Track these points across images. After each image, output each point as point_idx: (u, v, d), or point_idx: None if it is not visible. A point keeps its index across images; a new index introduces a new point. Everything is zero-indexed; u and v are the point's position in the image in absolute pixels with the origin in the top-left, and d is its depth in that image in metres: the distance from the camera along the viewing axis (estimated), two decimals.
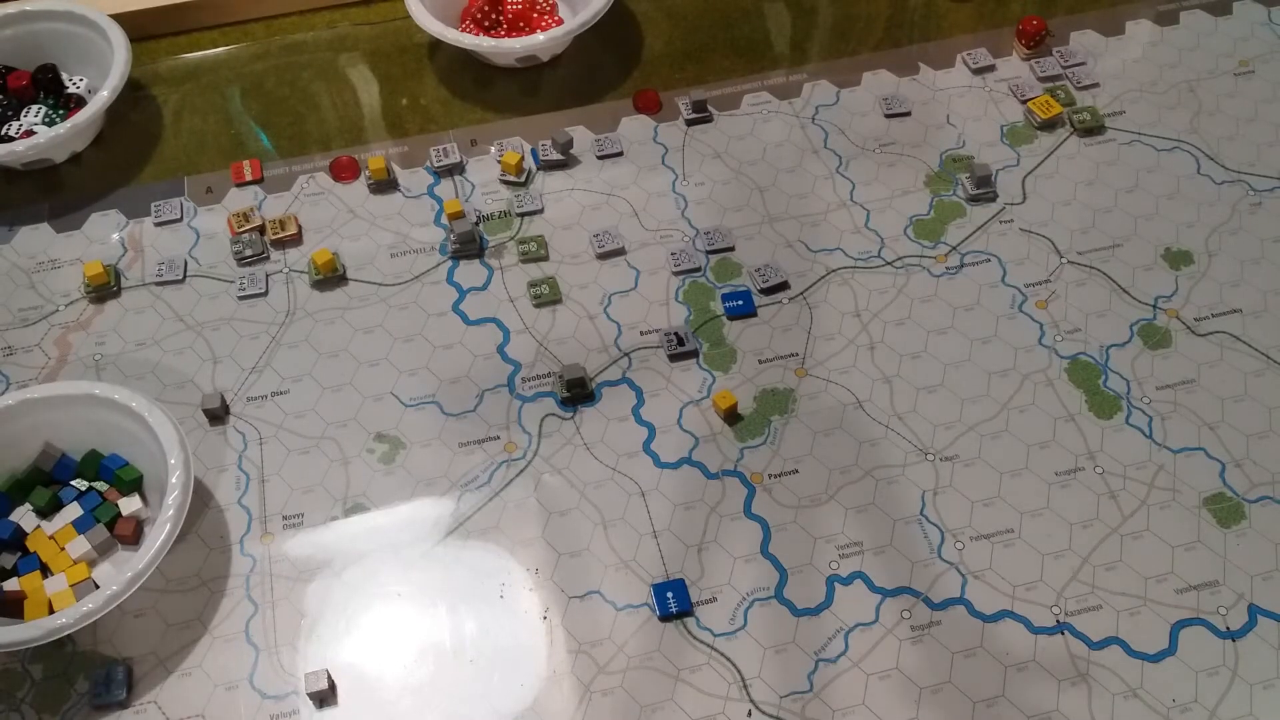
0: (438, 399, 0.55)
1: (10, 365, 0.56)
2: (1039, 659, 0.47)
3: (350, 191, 0.63)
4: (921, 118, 0.66)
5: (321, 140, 0.66)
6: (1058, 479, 0.51)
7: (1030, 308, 0.57)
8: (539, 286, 0.58)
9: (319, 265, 0.59)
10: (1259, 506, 0.50)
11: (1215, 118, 0.65)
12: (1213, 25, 0.71)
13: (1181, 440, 0.53)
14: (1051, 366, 0.55)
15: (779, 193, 0.62)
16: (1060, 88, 0.66)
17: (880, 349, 0.56)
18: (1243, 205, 0.61)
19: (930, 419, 0.53)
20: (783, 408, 0.54)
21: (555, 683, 0.46)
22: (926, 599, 0.48)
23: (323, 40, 0.71)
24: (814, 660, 0.47)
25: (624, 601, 0.48)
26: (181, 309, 0.58)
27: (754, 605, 0.48)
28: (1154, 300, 0.58)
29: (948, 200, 0.62)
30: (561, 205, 0.62)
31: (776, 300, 0.58)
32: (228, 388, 0.55)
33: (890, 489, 0.51)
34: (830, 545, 0.50)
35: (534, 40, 0.66)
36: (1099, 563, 0.49)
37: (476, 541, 0.50)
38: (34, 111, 0.65)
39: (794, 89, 0.68)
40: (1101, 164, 0.63)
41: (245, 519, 0.51)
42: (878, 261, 0.59)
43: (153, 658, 0.47)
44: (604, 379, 0.55)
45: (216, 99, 0.68)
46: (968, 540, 0.50)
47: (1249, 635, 0.47)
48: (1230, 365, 0.55)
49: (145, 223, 0.62)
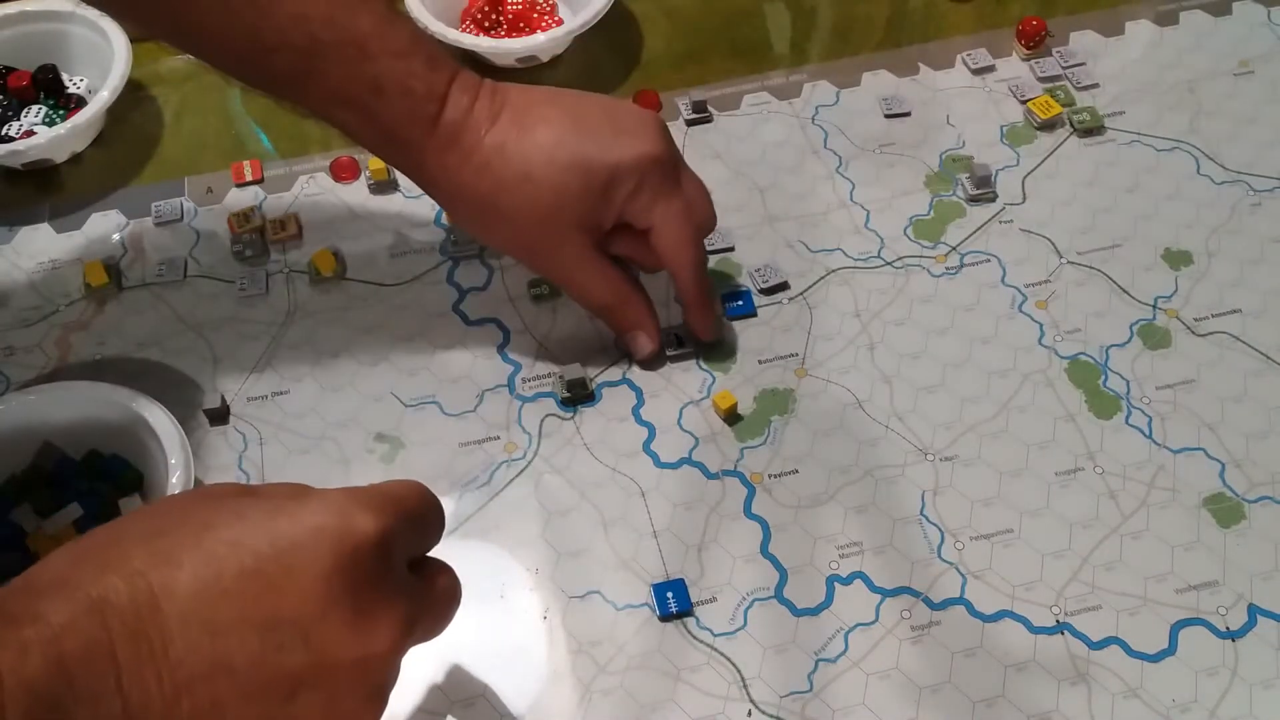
0: (438, 399, 0.55)
1: (10, 365, 0.56)
2: (1039, 659, 0.47)
3: (350, 192, 0.63)
4: (921, 118, 0.66)
5: (322, 140, 0.66)
6: (1057, 479, 0.51)
7: (1030, 308, 0.57)
8: (539, 286, 0.58)
9: (319, 265, 0.59)
10: (1259, 506, 0.50)
11: (1215, 118, 0.65)
12: (1213, 25, 0.71)
13: (1181, 440, 0.53)
14: (1051, 366, 0.55)
15: (779, 193, 0.62)
16: (1060, 88, 0.67)
17: (880, 349, 0.56)
18: (1243, 206, 0.61)
19: (930, 419, 0.53)
20: (783, 408, 0.54)
21: (555, 683, 0.46)
22: (926, 599, 0.48)
23: None
24: (814, 660, 0.47)
25: (624, 601, 0.48)
26: (181, 309, 0.58)
27: (754, 605, 0.48)
28: (1154, 300, 0.58)
29: (948, 200, 0.62)
30: None
31: (776, 300, 0.58)
32: (228, 388, 0.55)
33: (890, 489, 0.51)
34: (830, 545, 0.50)
35: (534, 41, 0.66)
36: (1099, 563, 0.49)
37: (476, 541, 0.50)
38: (34, 111, 0.65)
39: (794, 89, 0.68)
40: (1101, 164, 0.63)
41: None
42: (878, 262, 0.59)
43: None
44: (604, 379, 0.55)
45: (217, 99, 0.68)
46: (967, 540, 0.50)
47: (1249, 635, 0.47)
48: (1230, 365, 0.55)
49: (145, 223, 0.62)
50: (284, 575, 0.31)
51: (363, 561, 0.32)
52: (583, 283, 0.52)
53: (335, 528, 0.32)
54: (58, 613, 0.29)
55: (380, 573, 0.33)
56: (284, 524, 0.32)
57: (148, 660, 0.29)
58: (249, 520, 0.32)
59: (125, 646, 0.29)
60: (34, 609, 0.29)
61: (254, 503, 0.33)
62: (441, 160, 0.49)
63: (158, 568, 0.30)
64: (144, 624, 0.30)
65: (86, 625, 0.29)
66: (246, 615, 0.31)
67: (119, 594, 0.30)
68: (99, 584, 0.30)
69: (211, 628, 0.30)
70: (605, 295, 0.52)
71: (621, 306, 0.53)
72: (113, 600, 0.29)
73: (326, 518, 0.32)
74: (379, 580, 0.33)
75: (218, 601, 0.30)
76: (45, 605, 0.29)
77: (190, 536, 0.31)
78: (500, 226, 0.51)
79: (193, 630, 0.30)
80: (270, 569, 0.31)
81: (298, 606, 0.31)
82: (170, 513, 0.33)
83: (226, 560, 0.31)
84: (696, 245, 0.52)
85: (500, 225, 0.51)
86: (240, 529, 0.32)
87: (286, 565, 0.31)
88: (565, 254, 0.51)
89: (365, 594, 0.32)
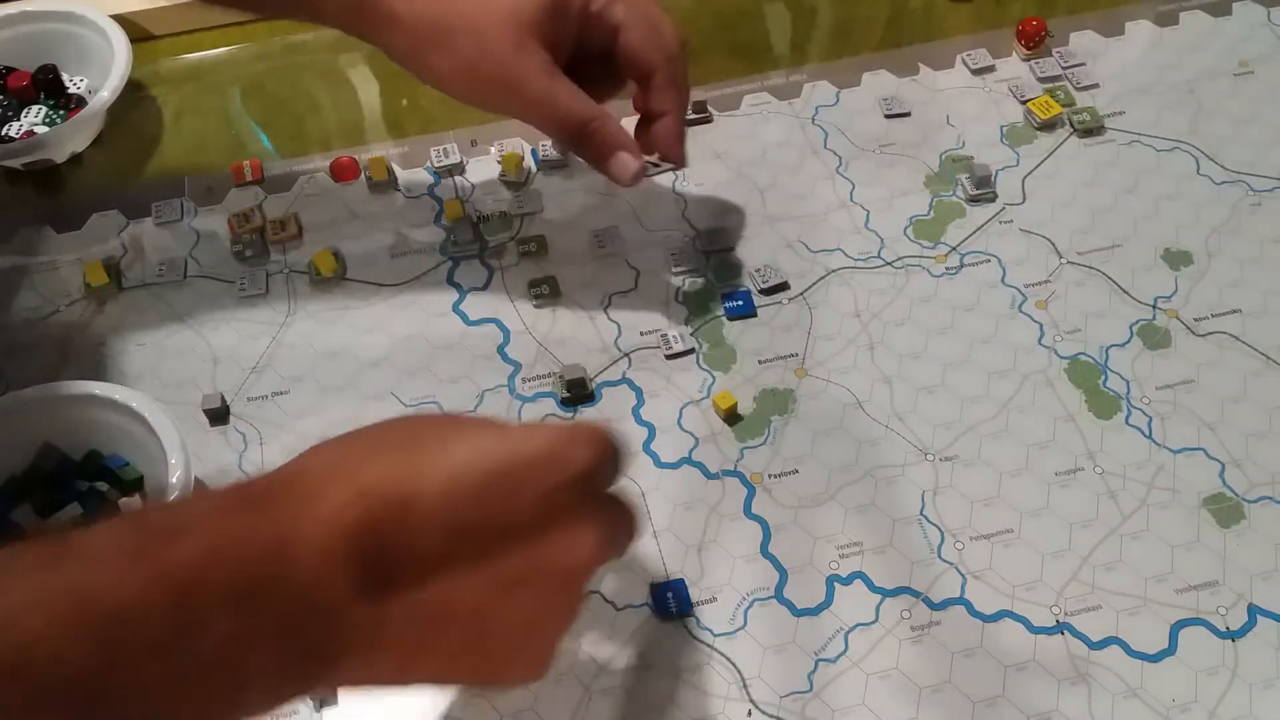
0: (438, 399, 0.55)
1: (10, 365, 0.56)
2: (1039, 659, 0.47)
3: (350, 192, 0.63)
4: (921, 118, 0.66)
5: (322, 141, 0.66)
6: (1057, 479, 0.51)
7: (1030, 308, 0.57)
8: (539, 286, 0.58)
9: (319, 265, 0.59)
10: (1259, 506, 0.51)
11: (1215, 118, 0.65)
12: (1212, 26, 0.71)
13: (1181, 440, 0.53)
14: (1051, 366, 0.55)
15: (779, 193, 0.63)
16: (1060, 88, 0.67)
17: (880, 349, 0.56)
18: (1242, 206, 0.61)
19: (930, 419, 0.53)
20: (783, 408, 0.54)
21: (555, 683, 0.46)
22: (926, 599, 0.48)
23: (323, 41, 0.71)
24: (814, 660, 0.47)
25: (624, 601, 0.48)
26: (181, 309, 0.58)
27: (754, 605, 0.48)
28: (1154, 300, 0.58)
29: (947, 200, 0.62)
30: (561, 205, 0.62)
31: (776, 300, 0.58)
32: (228, 388, 0.55)
33: (890, 489, 0.51)
34: (830, 545, 0.50)
35: None
36: (1099, 562, 0.49)
37: None
38: (34, 112, 0.65)
39: (794, 90, 0.68)
40: (1101, 164, 0.63)
41: None
42: (878, 262, 0.59)
43: None
44: (604, 379, 0.55)
45: (217, 99, 0.68)
46: (967, 540, 0.50)
47: (1249, 635, 0.47)
48: (1230, 365, 0.55)
49: (145, 223, 0.62)
50: (515, 489, 0.34)
51: (577, 486, 0.35)
52: (553, 99, 0.48)
53: (561, 453, 0.35)
54: (338, 494, 0.32)
55: (589, 497, 0.36)
56: (517, 445, 0.35)
57: (403, 549, 0.33)
58: (485, 439, 0.35)
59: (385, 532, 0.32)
60: (321, 490, 0.33)
61: (481, 426, 0.37)
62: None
63: (408, 473, 0.34)
64: (397, 519, 0.33)
65: (358, 508, 0.32)
66: (482, 521, 0.34)
67: (380, 487, 0.33)
68: (362, 477, 0.33)
69: (453, 528, 0.33)
70: (583, 110, 0.48)
71: (600, 123, 0.49)
72: (375, 493, 0.33)
73: (554, 444, 0.35)
74: (587, 503, 0.36)
75: (458, 506, 0.34)
76: (329, 488, 0.33)
77: (434, 450, 0.35)
78: (453, 50, 0.47)
79: (436, 529, 0.33)
80: (505, 483, 0.34)
81: (525, 518, 0.34)
82: (409, 430, 0.37)
83: (468, 472, 0.34)
84: (674, 31, 0.49)
85: (453, 48, 0.47)
86: (478, 446, 0.35)
87: (518, 481, 0.34)
88: (530, 69, 0.47)
89: (576, 513, 0.36)
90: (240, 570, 0.30)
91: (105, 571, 0.27)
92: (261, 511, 0.32)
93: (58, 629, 0.26)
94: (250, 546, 0.30)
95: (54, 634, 0.26)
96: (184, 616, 0.28)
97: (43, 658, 0.25)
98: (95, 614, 0.26)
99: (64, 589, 0.26)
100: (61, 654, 0.26)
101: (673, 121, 0.51)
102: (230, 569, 0.30)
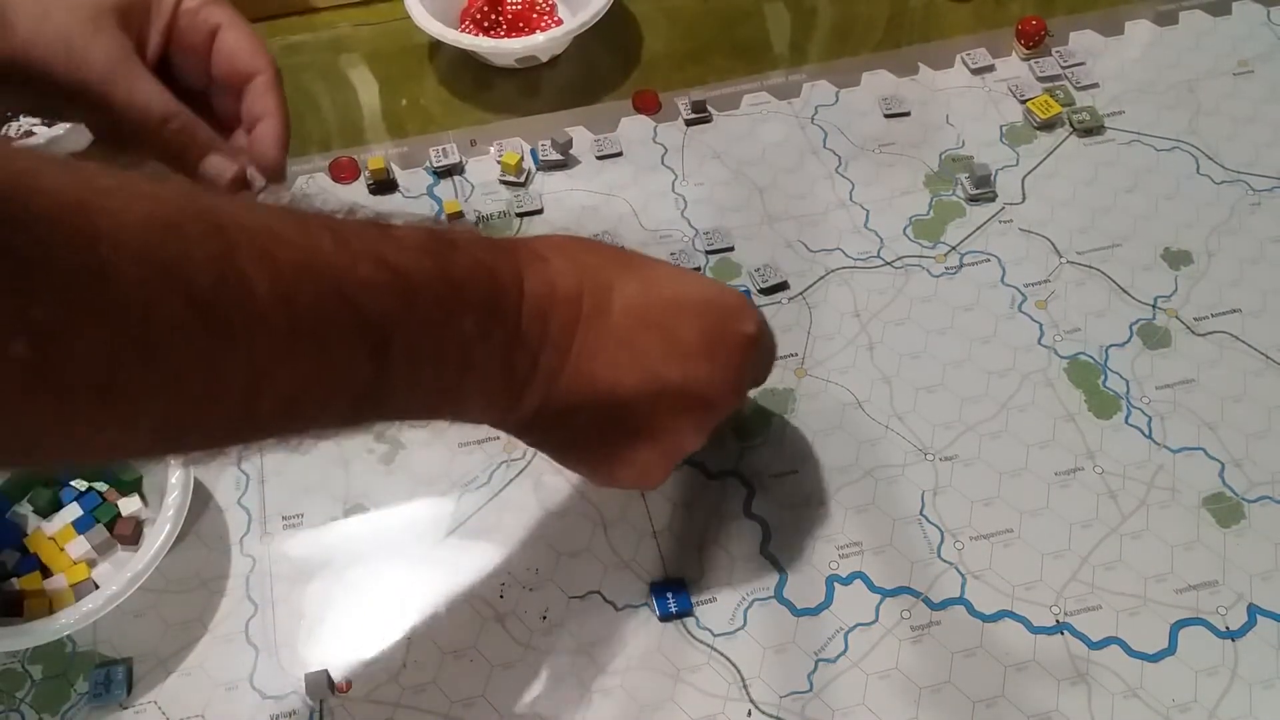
0: None
1: None
2: (1039, 659, 0.47)
3: (350, 192, 0.63)
4: (921, 118, 0.66)
5: (321, 141, 0.66)
6: (1057, 479, 0.51)
7: (1030, 308, 0.57)
8: None
9: None
10: (1258, 506, 0.51)
11: (1214, 118, 0.65)
12: (1212, 25, 0.71)
13: (1181, 440, 0.53)
14: (1051, 366, 0.55)
15: (779, 193, 0.63)
16: (1059, 88, 0.67)
17: (880, 349, 0.56)
18: (1242, 205, 0.61)
19: (930, 419, 0.53)
20: (783, 408, 0.54)
21: (555, 683, 0.46)
22: (926, 599, 0.48)
23: (322, 41, 0.71)
24: (814, 660, 0.47)
25: (624, 601, 0.48)
26: None
27: (754, 605, 0.48)
28: (1153, 300, 0.58)
29: (947, 200, 0.62)
30: (561, 205, 0.62)
31: (776, 300, 0.58)
32: None
33: (890, 489, 0.51)
34: (830, 545, 0.50)
35: (533, 41, 0.66)
36: (1098, 562, 0.49)
37: (476, 541, 0.50)
38: None
39: (793, 89, 0.68)
40: (1101, 164, 0.63)
41: (245, 519, 0.51)
42: (877, 261, 0.59)
43: (153, 658, 0.47)
44: None
45: None
46: (967, 540, 0.50)
47: (1248, 635, 0.47)
48: (1230, 365, 0.55)
49: None
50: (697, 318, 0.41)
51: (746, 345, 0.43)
52: (132, 88, 0.43)
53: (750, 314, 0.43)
54: (557, 260, 0.39)
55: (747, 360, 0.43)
56: (714, 290, 0.43)
57: (598, 326, 0.39)
58: (686, 275, 0.45)
59: (589, 301, 0.39)
60: (543, 254, 0.39)
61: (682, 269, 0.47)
62: None
63: (618, 271, 0.41)
64: (599, 302, 0.39)
65: (571, 276, 0.39)
66: (666, 333, 0.41)
67: (592, 270, 0.40)
68: (581, 258, 0.40)
69: (642, 322, 0.40)
70: (163, 104, 0.44)
71: (184, 122, 0.44)
72: (588, 273, 0.40)
73: (742, 302, 0.43)
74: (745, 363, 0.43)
75: (651, 309, 0.40)
76: (551, 254, 0.39)
77: (641, 264, 0.42)
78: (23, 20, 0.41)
79: (629, 319, 0.40)
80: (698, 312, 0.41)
81: (701, 347, 0.41)
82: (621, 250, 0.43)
83: (663, 288, 0.41)
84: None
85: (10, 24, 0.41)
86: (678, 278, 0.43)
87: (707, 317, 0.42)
88: (105, 49, 0.42)
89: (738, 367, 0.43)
90: (491, 287, 0.37)
91: (411, 256, 0.34)
92: (509, 253, 0.38)
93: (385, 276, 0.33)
94: (499, 275, 0.37)
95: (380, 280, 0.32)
96: (450, 304, 0.35)
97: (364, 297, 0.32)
98: (402, 281, 0.33)
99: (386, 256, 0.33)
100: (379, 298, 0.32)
101: (277, 124, 0.46)
102: (485, 284, 0.36)
